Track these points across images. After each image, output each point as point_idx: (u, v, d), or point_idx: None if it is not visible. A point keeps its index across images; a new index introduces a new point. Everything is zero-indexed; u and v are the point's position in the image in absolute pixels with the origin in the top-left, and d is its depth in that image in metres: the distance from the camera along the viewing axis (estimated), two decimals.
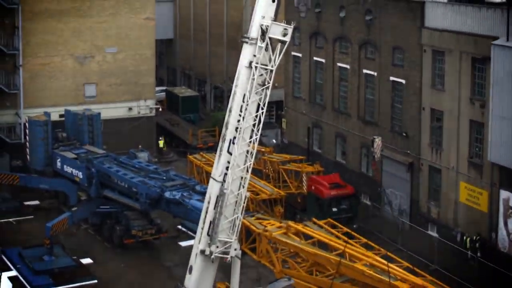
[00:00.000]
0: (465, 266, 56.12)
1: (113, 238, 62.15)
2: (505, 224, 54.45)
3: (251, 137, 37.26)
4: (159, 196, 55.86)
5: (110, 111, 79.28)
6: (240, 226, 38.84)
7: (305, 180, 67.28)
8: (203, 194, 54.50)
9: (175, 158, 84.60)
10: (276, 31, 36.40)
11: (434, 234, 59.94)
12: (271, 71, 36.80)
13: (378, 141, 57.45)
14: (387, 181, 65.87)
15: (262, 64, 36.64)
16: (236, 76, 37.45)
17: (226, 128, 37.47)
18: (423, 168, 62.27)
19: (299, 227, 47.14)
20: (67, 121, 71.06)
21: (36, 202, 70.87)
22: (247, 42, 36.86)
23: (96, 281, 55.47)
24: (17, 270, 56.30)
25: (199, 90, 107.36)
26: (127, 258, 60.00)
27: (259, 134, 37.27)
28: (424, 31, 61.46)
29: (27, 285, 54.48)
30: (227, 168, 37.62)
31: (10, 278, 54.16)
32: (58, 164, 66.56)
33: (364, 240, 47.66)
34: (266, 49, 36.69)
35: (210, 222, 38.12)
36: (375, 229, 62.18)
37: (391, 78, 65.36)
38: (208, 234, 38.35)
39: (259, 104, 37.04)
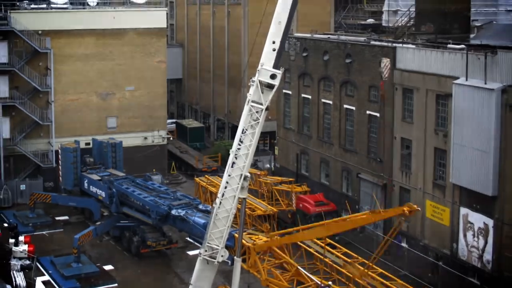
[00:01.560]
0: (430, 272, 56.20)
1: (131, 248, 62.17)
2: (464, 236, 54.41)
3: (244, 162, 37.23)
4: (167, 213, 55.86)
5: (129, 140, 79.33)
6: (227, 236, 38.78)
7: (294, 198, 67.35)
8: (204, 212, 54.76)
9: (183, 180, 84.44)
10: (265, 75, 36.15)
11: (404, 245, 59.98)
12: (262, 110, 36.65)
13: (385, 62, 54.88)
14: (364, 200, 65.83)
15: (256, 103, 36.65)
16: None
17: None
18: (395, 189, 62.24)
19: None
20: (94, 148, 71.39)
21: (66, 217, 70.95)
22: (252, 84, 36.82)
23: (116, 284, 55.79)
24: (49, 275, 56.63)
25: (204, 122, 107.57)
26: (143, 265, 59.98)
27: (248, 161, 36.99)
28: (395, 72, 61.48)
29: None
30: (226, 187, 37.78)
31: (44, 282, 54.31)
32: (85, 184, 66.81)
33: (345, 249, 47.79)
34: (263, 92, 36.67)
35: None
36: (354, 240, 62.21)
37: (368, 112, 65.41)
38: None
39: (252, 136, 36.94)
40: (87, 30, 79.40)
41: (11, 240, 57.93)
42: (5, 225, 64.18)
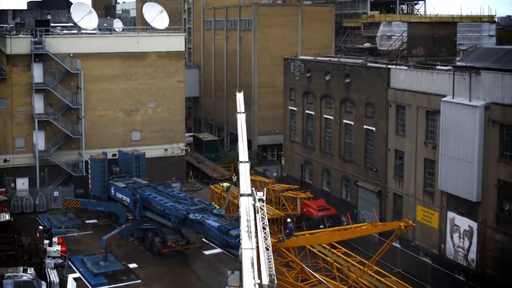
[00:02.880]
0: (421, 270, 56.28)
1: (153, 248, 62.26)
2: (451, 237, 54.49)
3: None
4: (185, 217, 56.10)
5: (151, 151, 79.66)
6: None
7: (299, 204, 67.60)
8: (219, 216, 54.98)
9: (200, 187, 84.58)
10: None
11: (397, 245, 60.05)
12: None
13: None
14: (362, 205, 65.96)
15: None
16: None
17: None
18: (389, 195, 62.33)
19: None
20: (120, 159, 71.66)
21: (94, 221, 71.11)
22: None
23: (140, 280, 56.04)
24: (80, 272, 56.91)
25: (219, 136, 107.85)
26: (163, 263, 60.09)
27: None
28: (389, 91, 61.69)
29: (87, 284, 55.11)
30: None
31: (75, 279, 54.64)
32: (112, 191, 67.15)
33: (344, 249, 48.08)
34: None
35: None
36: (352, 241, 62.23)
37: (365, 126, 65.59)
38: None
39: None
40: (113, 53, 79.88)
41: (46, 241, 58.36)
42: (40, 227, 64.51)
